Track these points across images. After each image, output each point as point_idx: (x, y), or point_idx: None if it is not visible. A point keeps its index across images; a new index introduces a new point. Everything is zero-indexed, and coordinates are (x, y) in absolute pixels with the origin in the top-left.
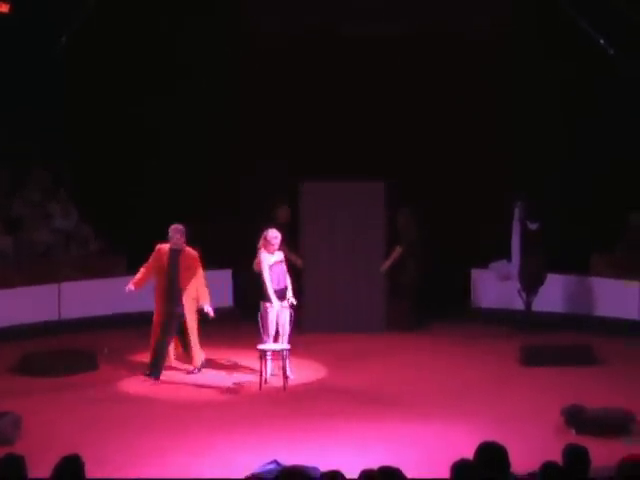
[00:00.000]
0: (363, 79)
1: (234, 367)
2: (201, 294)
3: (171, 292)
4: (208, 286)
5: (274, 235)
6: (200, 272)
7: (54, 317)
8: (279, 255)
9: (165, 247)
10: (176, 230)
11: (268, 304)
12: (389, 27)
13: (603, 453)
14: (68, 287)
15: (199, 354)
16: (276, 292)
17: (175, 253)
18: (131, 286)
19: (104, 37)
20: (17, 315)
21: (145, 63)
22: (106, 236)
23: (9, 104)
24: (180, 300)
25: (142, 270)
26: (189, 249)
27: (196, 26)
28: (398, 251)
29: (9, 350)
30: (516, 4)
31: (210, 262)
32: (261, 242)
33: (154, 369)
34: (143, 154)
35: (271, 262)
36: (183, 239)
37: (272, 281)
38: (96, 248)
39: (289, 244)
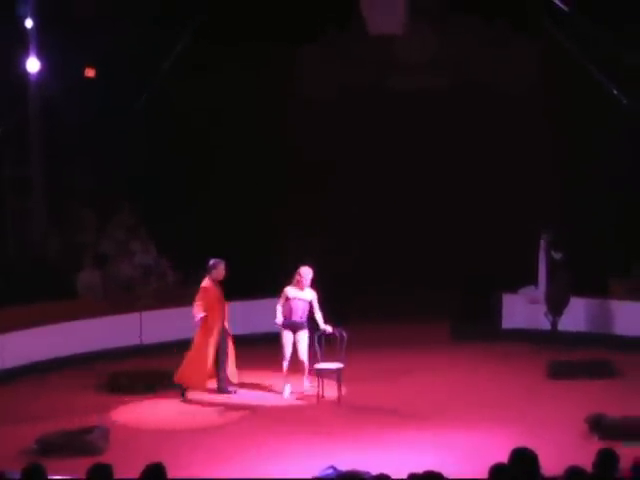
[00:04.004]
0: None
1: (293, 385)
2: None
3: None
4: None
5: (305, 272)
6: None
7: (136, 342)
8: (307, 292)
9: None
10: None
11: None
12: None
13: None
14: (148, 315)
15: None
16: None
17: None
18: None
19: (177, 94)
20: (105, 340)
21: (210, 114)
22: (181, 269)
23: (96, 154)
24: None
25: None
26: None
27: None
28: None
29: (98, 371)
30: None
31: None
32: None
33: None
34: (209, 198)
35: (291, 296)
36: (211, 273)
37: (292, 312)
38: (173, 280)
39: None
